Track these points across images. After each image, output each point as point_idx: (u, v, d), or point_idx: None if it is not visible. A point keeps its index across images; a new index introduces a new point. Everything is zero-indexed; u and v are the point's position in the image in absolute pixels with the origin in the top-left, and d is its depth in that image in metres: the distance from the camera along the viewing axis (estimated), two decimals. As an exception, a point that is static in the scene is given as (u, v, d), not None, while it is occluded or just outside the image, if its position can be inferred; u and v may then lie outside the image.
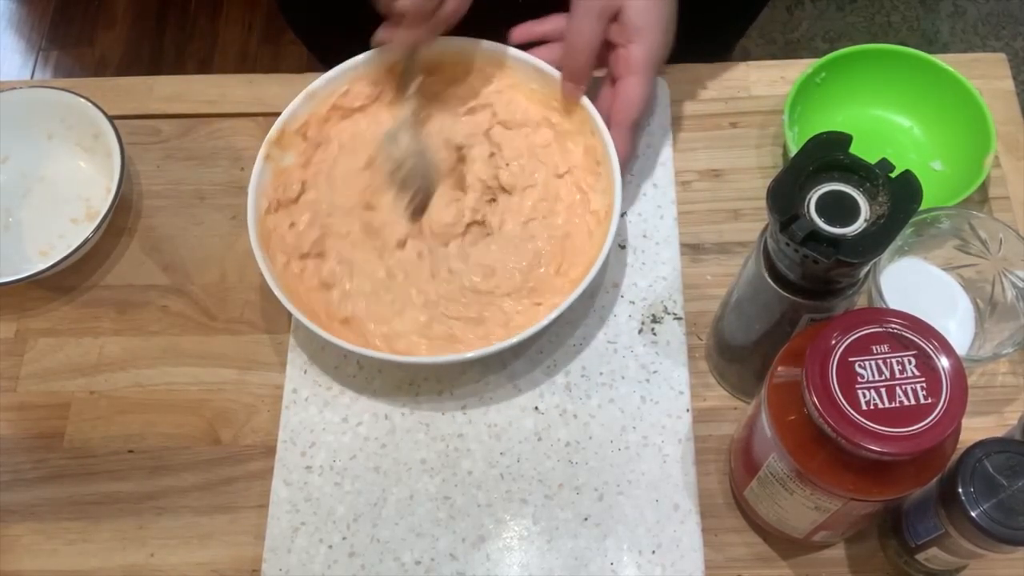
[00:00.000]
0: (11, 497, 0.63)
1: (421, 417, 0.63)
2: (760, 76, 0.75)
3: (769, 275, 0.51)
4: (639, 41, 0.61)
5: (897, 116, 0.72)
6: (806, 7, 1.76)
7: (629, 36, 0.61)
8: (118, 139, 0.69)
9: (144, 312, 0.69)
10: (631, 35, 0.61)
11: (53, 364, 0.67)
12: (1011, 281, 0.61)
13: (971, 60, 0.73)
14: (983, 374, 0.64)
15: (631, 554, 0.58)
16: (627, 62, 0.62)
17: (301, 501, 0.60)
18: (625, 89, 0.62)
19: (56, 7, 1.84)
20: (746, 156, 0.72)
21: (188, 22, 1.80)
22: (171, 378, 0.66)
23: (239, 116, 0.75)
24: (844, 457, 0.46)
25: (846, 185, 0.47)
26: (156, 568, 0.61)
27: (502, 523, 0.59)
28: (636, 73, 0.62)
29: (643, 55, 0.61)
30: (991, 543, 0.48)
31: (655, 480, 0.60)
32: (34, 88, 0.72)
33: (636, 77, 0.62)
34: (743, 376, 0.62)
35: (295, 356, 0.65)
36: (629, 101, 0.62)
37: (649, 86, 0.63)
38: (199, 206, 0.73)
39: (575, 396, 0.63)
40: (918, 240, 0.64)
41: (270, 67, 1.74)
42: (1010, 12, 1.74)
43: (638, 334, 0.65)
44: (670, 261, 0.67)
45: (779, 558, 0.59)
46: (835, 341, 0.46)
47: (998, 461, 0.48)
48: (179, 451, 0.64)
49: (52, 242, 0.70)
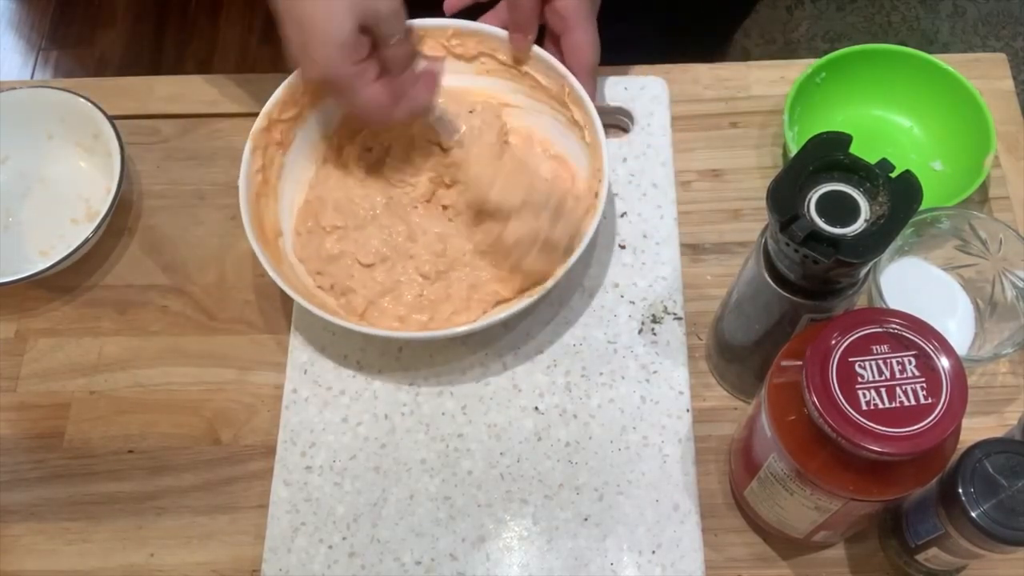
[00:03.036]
0: (11, 497, 0.63)
1: (421, 417, 0.63)
2: (760, 76, 0.75)
3: (769, 275, 0.51)
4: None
5: (897, 116, 0.72)
6: (806, 7, 1.76)
7: None
8: (118, 139, 0.69)
9: (144, 312, 0.69)
10: None
11: (53, 364, 0.67)
12: (1011, 281, 0.61)
13: (971, 60, 0.73)
14: (983, 374, 0.64)
15: (631, 554, 0.58)
16: (562, 16, 0.64)
17: (301, 501, 0.60)
18: (572, 40, 0.64)
19: (56, 7, 1.83)
20: (746, 156, 0.72)
21: (188, 22, 1.80)
22: (171, 378, 0.66)
23: (239, 116, 0.75)
24: (844, 457, 0.46)
25: (846, 185, 0.47)
26: (156, 568, 0.61)
27: (502, 523, 0.59)
28: (575, 25, 0.64)
29: (574, 5, 0.63)
30: (991, 543, 0.48)
31: (655, 480, 0.60)
32: (34, 88, 0.72)
33: (577, 28, 0.64)
34: (743, 376, 0.62)
35: (295, 356, 0.65)
36: (580, 50, 0.64)
37: (593, 32, 0.64)
38: (199, 206, 0.73)
39: (575, 396, 0.63)
40: (918, 240, 0.64)
41: (270, 67, 1.74)
42: (1010, 12, 1.74)
43: (638, 334, 0.65)
44: (670, 261, 0.67)
45: (779, 558, 0.59)
46: (835, 341, 0.46)
47: (998, 461, 0.48)
48: (179, 451, 0.64)
49: (52, 242, 0.70)
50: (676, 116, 0.73)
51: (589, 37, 0.64)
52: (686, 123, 0.73)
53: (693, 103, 0.74)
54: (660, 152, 0.71)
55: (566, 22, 0.64)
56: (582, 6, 0.64)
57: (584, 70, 0.65)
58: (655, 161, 0.70)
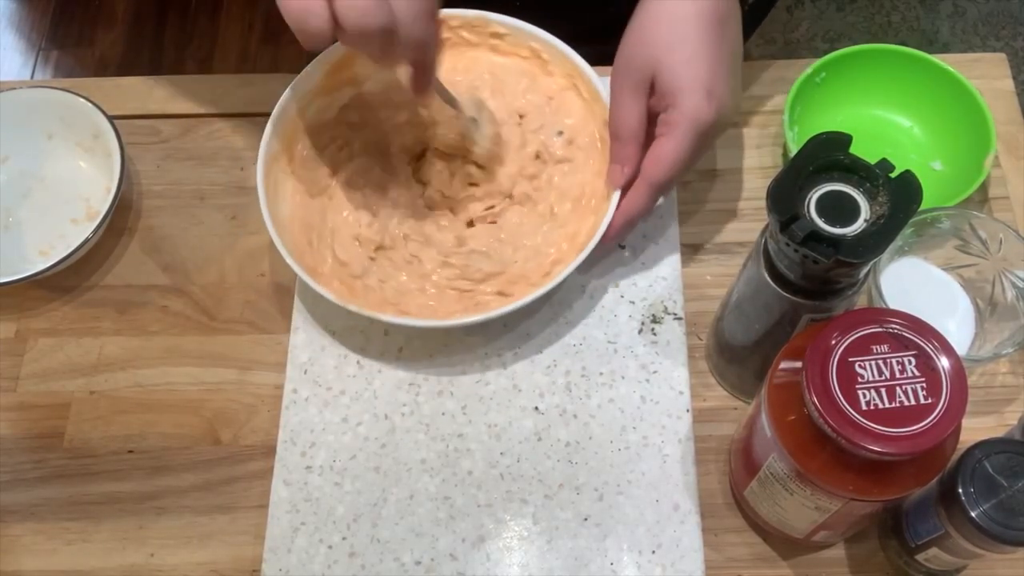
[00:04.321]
0: (11, 497, 0.63)
1: (421, 417, 0.63)
2: (760, 76, 0.75)
3: (769, 275, 0.51)
4: (676, 104, 0.58)
5: (897, 116, 0.72)
6: (806, 7, 1.76)
7: (666, 100, 0.59)
8: (118, 139, 0.69)
9: (144, 312, 0.69)
10: (667, 99, 0.59)
11: (53, 364, 0.67)
12: (1011, 281, 0.61)
13: (971, 60, 0.73)
14: (983, 374, 0.64)
15: (631, 554, 0.58)
16: (666, 124, 0.59)
17: (301, 501, 0.60)
18: (655, 149, 0.60)
19: (56, 7, 1.84)
20: (746, 156, 0.72)
21: (188, 22, 1.80)
22: (171, 378, 0.66)
23: (239, 116, 0.75)
24: (844, 457, 0.46)
25: (846, 185, 0.47)
26: (156, 568, 0.61)
27: (502, 523, 0.59)
28: (669, 134, 0.59)
29: (678, 117, 0.58)
30: (991, 543, 0.48)
31: (655, 480, 0.60)
32: (34, 88, 0.72)
33: (668, 138, 0.59)
34: (743, 376, 0.62)
35: (295, 356, 0.65)
36: (656, 160, 0.60)
37: (681, 146, 0.58)
38: (199, 206, 0.73)
39: (575, 396, 0.63)
40: (918, 240, 0.64)
41: (270, 67, 1.74)
42: (1010, 12, 1.74)
43: (638, 334, 0.65)
44: (670, 261, 0.67)
45: (779, 558, 0.59)
46: (835, 341, 0.46)
47: (998, 461, 0.48)
48: (179, 451, 0.64)
49: (52, 242, 0.70)
50: (676, 116, 0.73)
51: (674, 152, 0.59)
52: (686, 123, 0.73)
53: (693, 103, 0.74)
54: (660, 152, 0.71)
55: (665, 130, 0.59)
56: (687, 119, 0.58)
57: (648, 179, 0.60)
58: (655, 161, 0.70)
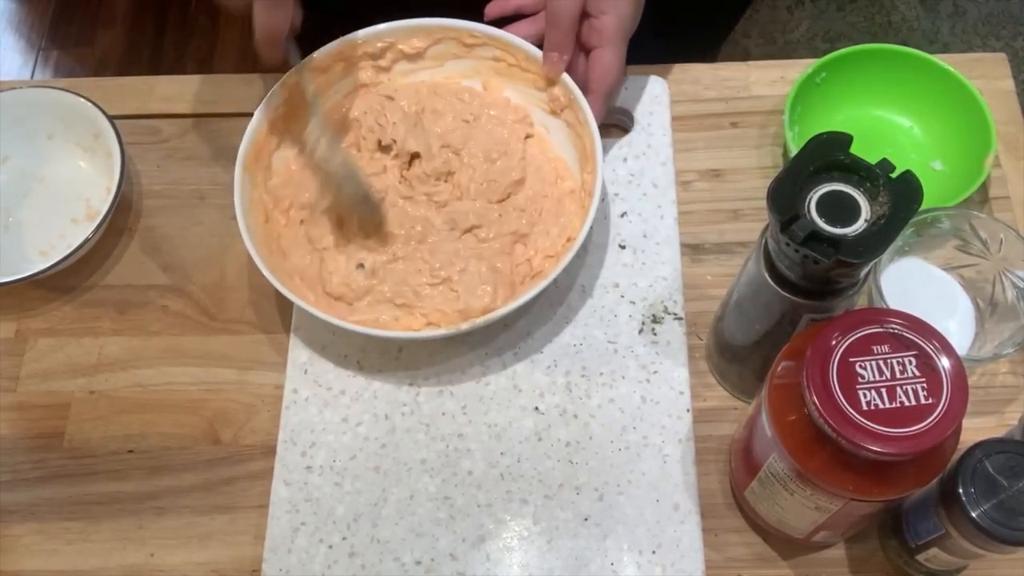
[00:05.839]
0: (11, 497, 0.63)
1: (421, 417, 0.63)
2: (760, 76, 0.75)
3: (769, 275, 0.51)
4: (611, 11, 0.63)
5: (897, 116, 0.72)
6: (806, 7, 1.76)
7: (601, 7, 0.63)
8: (118, 139, 0.69)
9: (144, 312, 0.69)
10: (603, 6, 0.63)
11: (53, 364, 0.67)
12: (1011, 281, 0.61)
13: (971, 60, 0.73)
14: (983, 374, 0.64)
15: (631, 554, 0.58)
16: (600, 32, 0.64)
17: (301, 501, 0.60)
18: (599, 59, 0.64)
19: (56, 7, 1.84)
20: (746, 156, 0.72)
21: (188, 22, 1.80)
22: (171, 378, 0.66)
23: (239, 116, 0.75)
24: (844, 457, 0.46)
25: (846, 185, 0.47)
26: (156, 568, 0.61)
27: (502, 523, 0.59)
28: (609, 43, 0.64)
29: (615, 25, 0.63)
30: (991, 543, 0.48)
31: (655, 480, 0.60)
32: (34, 88, 0.72)
33: (610, 47, 0.64)
34: (743, 376, 0.62)
35: (295, 356, 0.65)
36: (604, 70, 0.64)
37: (622, 55, 0.65)
38: (199, 206, 0.73)
39: (575, 396, 0.63)
40: (918, 240, 0.64)
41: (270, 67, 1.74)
42: (1010, 12, 1.74)
43: (638, 334, 0.65)
44: (670, 261, 0.67)
45: (779, 558, 0.59)
46: (835, 341, 0.46)
47: (998, 461, 0.48)
48: (179, 451, 0.64)
49: (52, 242, 0.70)
50: (676, 116, 0.73)
51: (618, 61, 0.64)
52: (686, 123, 0.73)
53: (693, 103, 0.74)
54: (660, 152, 0.71)
55: (601, 38, 0.64)
56: (621, 26, 0.64)
57: (601, 91, 0.65)
58: (655, 161, 0.70)
